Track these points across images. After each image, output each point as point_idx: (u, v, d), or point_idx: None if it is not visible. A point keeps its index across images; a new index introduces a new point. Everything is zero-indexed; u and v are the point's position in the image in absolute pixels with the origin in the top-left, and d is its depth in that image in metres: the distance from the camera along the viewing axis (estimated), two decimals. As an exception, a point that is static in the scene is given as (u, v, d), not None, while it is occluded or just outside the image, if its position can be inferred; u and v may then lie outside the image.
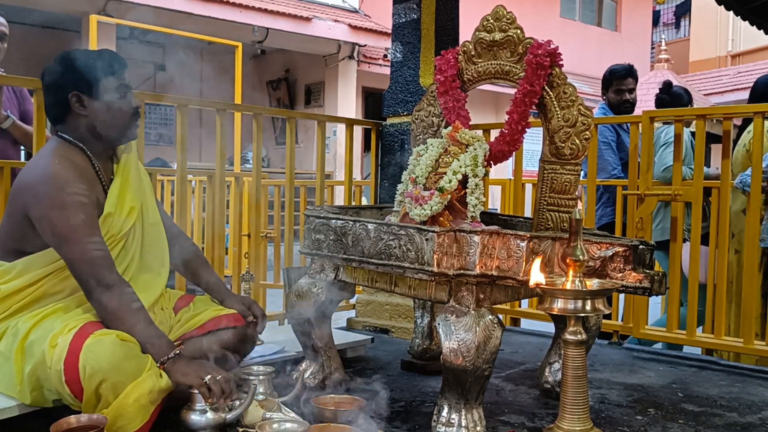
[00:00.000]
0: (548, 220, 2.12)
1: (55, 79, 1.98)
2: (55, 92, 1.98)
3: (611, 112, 4.11)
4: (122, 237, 2.00)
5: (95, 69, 1.95)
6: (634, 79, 4.12)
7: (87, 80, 1.95)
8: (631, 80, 4.09)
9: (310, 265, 2.31)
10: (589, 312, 1.72)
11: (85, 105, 1.97)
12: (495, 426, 2.06)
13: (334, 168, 10.77)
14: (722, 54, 15.93)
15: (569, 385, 1.74)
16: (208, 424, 1.80)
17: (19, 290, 1.90)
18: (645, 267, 1.98)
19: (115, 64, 2.00)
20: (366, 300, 3.56)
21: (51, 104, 2.01)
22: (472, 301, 1.85)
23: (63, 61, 1.99)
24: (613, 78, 4.11)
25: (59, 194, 1.85)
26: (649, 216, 3.11)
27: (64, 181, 1.87)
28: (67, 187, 1.86)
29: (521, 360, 2.92)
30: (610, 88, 4.12)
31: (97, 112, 1.97)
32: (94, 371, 1.68)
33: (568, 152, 2.09)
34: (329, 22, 10.51)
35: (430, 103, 2.45)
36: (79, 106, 1.97)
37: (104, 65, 1.97)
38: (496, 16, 2.22)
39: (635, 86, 4.14)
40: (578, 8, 15.79)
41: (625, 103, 4.06)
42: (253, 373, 2.02)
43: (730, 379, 2.70)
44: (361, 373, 2.63)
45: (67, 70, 1.96)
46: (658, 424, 2.14)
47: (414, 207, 2.14)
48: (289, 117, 3.51)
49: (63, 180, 1.87)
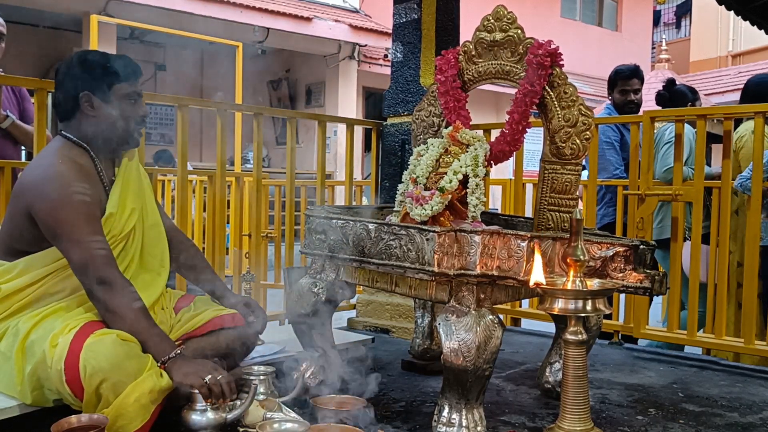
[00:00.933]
0: (549, 220, 2.12)
1: (68, 76, 1.99)
2: (67, 90, 1.99)
3: (616, 112, 4.09)
4: (123, 238, 2.01)
5: (109, 72, 1.97)
6: (640, 79, 4.10)
7: (100, 82, 1.96)
8: (636, 81, 4.08)
9: (311, 265, 2.31)
10: (589, 312, 1.72)
11: (94, 106, 1.97)
12: (496, 426, 2.06)
13: (335, 168, 10.77)
14: (723, 54, 15.92)
15: (570, 385, 1.74)
16: (209, 424, 1.80)
17: (20, 290, 1.90)
18: (646, 267, 1.97)
19: (130, 70, 2.01)
20: (366, 300, 3.56)
21: (61, 101, 2.01)
22: (473, 301, 1.85)
23: (79, 60, 1.99)
24: (618, 78, 4.10)
25: (63, 193, 1.86)
26: (650, 215, 3.11)
27: (67, 180, 1.87)
28: (71, 185, 1.87)
29: (522, 360, 2.92)
30: (615, 88, 4.11)
31: (105, 115, 1.98)
32: (95, 371, 1.68)
33: (568, 152, 2.09)
34: (330, 22, 10.51)
35: (431, 103, 2.45)
36: (89, 106, 1.97)
37: (119, 70, 1.98)
38: (497, 16, 2.22)
39: (641, 87, 4.12)
40: (579, 8, 15.78)
41: (629, 104, 4.05)
42: (254, 372, 2.02)
43: (730, 379, 2.70)
44: (361, 373, 2.63)
45: (82, 69, 1.97)
46: (658, 424, 2.14)
47: (415, 207, 2.14)
48: (289, 117, 3.51)
49: (67, 179, 1.88)
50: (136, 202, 2.07)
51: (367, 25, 11.11)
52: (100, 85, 1.96)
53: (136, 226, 2.06)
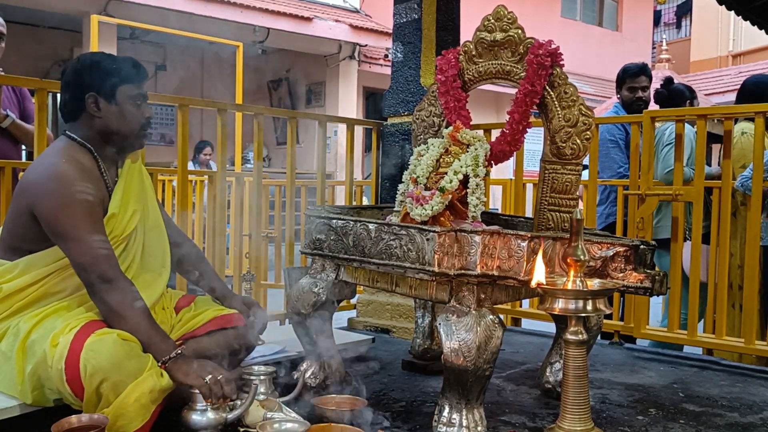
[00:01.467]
0: (549, 220, 2.12)
1: (75, 77, 1.99)
2: (73, 90, 1.99)
3: (624, 110, 4.08)
4: (125, 238, 2.01)
5: (116, 74, 1.97)
6: (648, 77, 4.10)
7: (106, 83, 1.97)
8: (644, 78, 4.08)
9: (311, 265, 2.31)
10: (590, 312, 1.72)
11: (100, 107, 1.98)
12: (496, 426, 2.06)
13: (335, 168, 10.77)
14: (723, 54, 15.91)
15: (570, 385, 1.74)
16: (209, 424, 1.80)
17: (21, 289, 1.90)
18: (646, 267, 1.97)
19: (137, 73, 2.02)
20: (367, 300, 3.56)
21: (67, 101, 2.02)
22: (473, 301, 1.85)
23: (86, 61, 2.01)
24: (626, 76, 4.10)
25: (65, 192, 1.86)
26: (650, 215, 3.11)
27: (70, 179, 1.88)
28: (74, 185, 1.87)
29: (522, 360, 2.92)
30: (624, 86, 4.10)
31: (110, 117, 1.99)
32: (95, 370, 1.69)
33: (569, 152, 2.09)
34: (330, 22, 10.51)
35: (431, 103, 2.45)
36: (95, 107, 1.98)
37: (126, 72, 1.99)
38: (497, 16, 2.22)
39: (649, 84, 4.12)
40: (579, 8, 15.77)
41: (638, 101, 4.05)
42: (254, 372, 2.02)
43: (731, 379, 2.70)
44: (362, 373, 2.63)
45: (89, 70, 1.98)
46: (659, 424, 2.14)
47: (415, 207, 2.14)
48: (290, 117, 3.51)
49: (70, 178, 1.88)
50: (138, 204, 2.08)
51: (368, 25, 11.11)
52: (106, 86, 1.97)
53: (138, 226, 2.07)
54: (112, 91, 1.97)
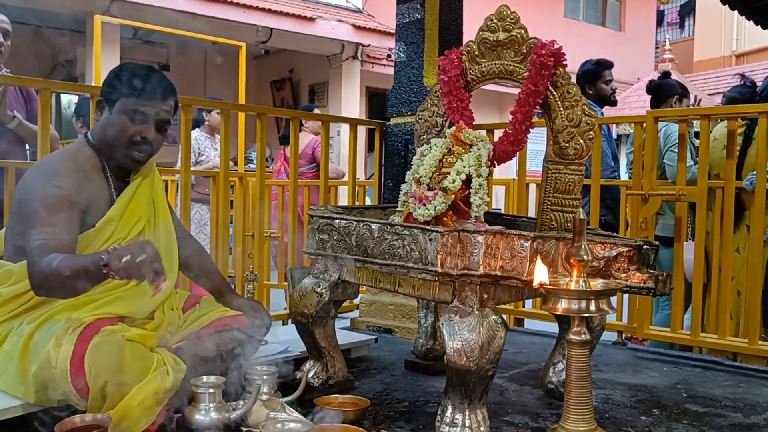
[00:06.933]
0: (552, 220, 2.12)
1: (104, 82, 2.07)
2: (100, 92, 2.08)
3: (597, 106, 4.08)
4: (129, 242, 2.01)
5: (123, 85, 2.00)
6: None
7: (112, 93, 2.01)
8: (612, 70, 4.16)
9: (314, 265, 2.31)
10: (593, 312, 1.72)
11: (103, 114, 2.05)
12: (499, 426, 2.06)
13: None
14: (727, 54, 15.90)
15: (573, 385, 1.74)
16: (212, 424, 1.80)
17: (19, 295, 1.91)
18: (649, 267, 1.97)
19: (151, 92, 2.01)
20: (370, 300, 3.56)
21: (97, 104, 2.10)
22: (476, 301, 1.85)
23: (116, 69, 2.08)
24: (603, 69, 4.11)
25: (39, 186, 1.89)
26: (653, 215, 3.10)
27: (50, 175, 1.91)
28: (53, 180, 1.89)
29: (525, 360, 2.91)
30: (599, 80, 4.10)
31: (106, 124, 2.04)
32: (100, 371, 1.69)
33: (572, 152, 2.08)
34: (333, 23, 10.51)
35: (434, 103, 2.45)
36: (100, 113, 2.06)
37: (134, 86, 2.00)
38: (500, 15, 2.22)
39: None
40: (582, 8, 15.75)
41: (614, 94, 4.10)
42: (257, 372, 2.02)
43: (734, 379, 2.70)
44: (364, 373, 2.63)
45: (110, 77, 2.05)
46: (662, 424, 2.13)
47: (418, 207, 2.14)
48: (292, 117, 3.51)
49: (50, 174, 1.91)
50: (145, 213, 2.10)
51: (370, 25, 11.10)
52: (112, 95, 2.02)
53: (145, 230, 2.09)
54: (113, 100, 2.01)
